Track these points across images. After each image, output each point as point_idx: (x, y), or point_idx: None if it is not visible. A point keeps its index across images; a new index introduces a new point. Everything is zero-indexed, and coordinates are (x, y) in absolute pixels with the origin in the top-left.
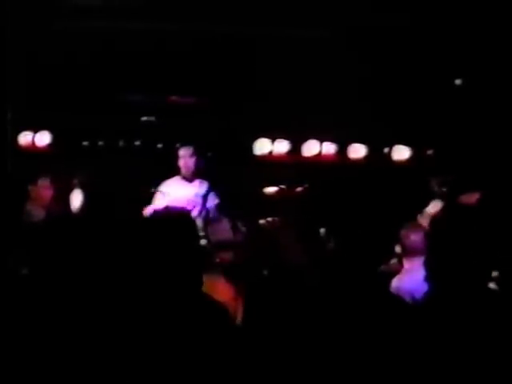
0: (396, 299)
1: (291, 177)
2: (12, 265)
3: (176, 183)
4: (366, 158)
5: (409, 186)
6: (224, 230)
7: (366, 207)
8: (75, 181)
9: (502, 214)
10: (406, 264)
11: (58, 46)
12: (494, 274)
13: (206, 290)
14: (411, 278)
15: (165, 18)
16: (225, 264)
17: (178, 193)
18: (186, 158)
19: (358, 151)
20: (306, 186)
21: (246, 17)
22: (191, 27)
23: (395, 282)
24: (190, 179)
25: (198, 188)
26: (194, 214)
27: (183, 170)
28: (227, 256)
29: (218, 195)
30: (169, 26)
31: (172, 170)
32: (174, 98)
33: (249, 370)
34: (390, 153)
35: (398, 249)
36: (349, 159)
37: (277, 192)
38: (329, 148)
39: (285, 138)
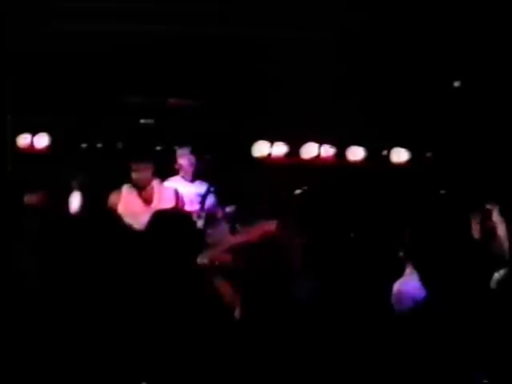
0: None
1: (290, 179)
2: (13, 265)
3: (179, 182)
4: (364, 160)
5: (408, 189)
6: (222, 232)
7: (365, 210)
8: (74, 183)
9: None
10: (409, 267)
11: (56, 47)
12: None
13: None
14: (413, 281)
15: (164, 19)
16: (224, 267)
17: (181, 191)
18: (185, 163)
19: (356, 154)
20: (305, 188)
21: (245, 19)
22: (190, 29)
23: (397, 286)
24: (190, 180)
25: (198, 188)
26: (195, 214)
27: (183, 173)
28: (226, 258)
29: (217, 198)
30: (168, 27)
31: (171, 173)
32: (172, 100)
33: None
34: (388, 155)
35: (401, 253)
36: (348, 162)
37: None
38: (327, 150)
39: (283, 141)
